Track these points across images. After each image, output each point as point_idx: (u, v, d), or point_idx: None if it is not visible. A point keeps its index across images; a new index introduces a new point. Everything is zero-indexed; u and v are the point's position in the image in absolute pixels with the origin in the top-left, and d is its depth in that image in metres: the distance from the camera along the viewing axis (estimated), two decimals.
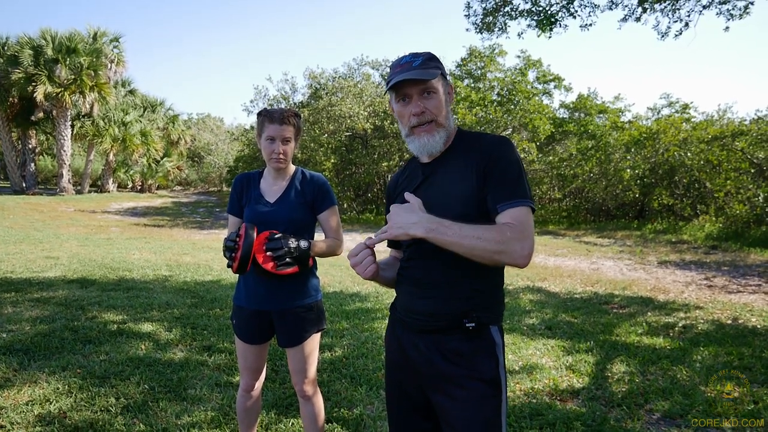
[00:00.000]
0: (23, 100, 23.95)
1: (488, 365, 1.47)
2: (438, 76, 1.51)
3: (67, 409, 2.96)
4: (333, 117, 19.06)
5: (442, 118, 1.53)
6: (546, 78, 23.15)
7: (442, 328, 1.50)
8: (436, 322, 1.51)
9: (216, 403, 3.13)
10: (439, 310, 1.50)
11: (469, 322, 1.46)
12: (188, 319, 4.96)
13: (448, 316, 1.49)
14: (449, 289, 1.49)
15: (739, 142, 14.25)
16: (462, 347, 1.48)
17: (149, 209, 22.79)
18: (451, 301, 1.49)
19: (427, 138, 1.52)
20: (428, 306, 1.52)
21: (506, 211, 1.41)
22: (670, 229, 14.14)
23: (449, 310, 1.49)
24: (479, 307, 1.48)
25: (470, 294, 1.48)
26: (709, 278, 8.22)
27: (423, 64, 1.51)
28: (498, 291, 1.54)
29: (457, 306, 1.48)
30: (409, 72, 1.49)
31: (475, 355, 1.48)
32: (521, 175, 1.46)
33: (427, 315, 1.53)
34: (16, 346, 3.94)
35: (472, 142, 1.53)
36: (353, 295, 6.47)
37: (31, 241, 11.07)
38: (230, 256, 2.03)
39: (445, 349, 1.49)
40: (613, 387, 3.57)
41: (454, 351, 1.49)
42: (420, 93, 1.51)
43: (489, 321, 1.50)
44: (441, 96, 1.53)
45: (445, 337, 1.50)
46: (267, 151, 2.19)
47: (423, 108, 1.50)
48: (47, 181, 36.22)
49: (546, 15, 7.85)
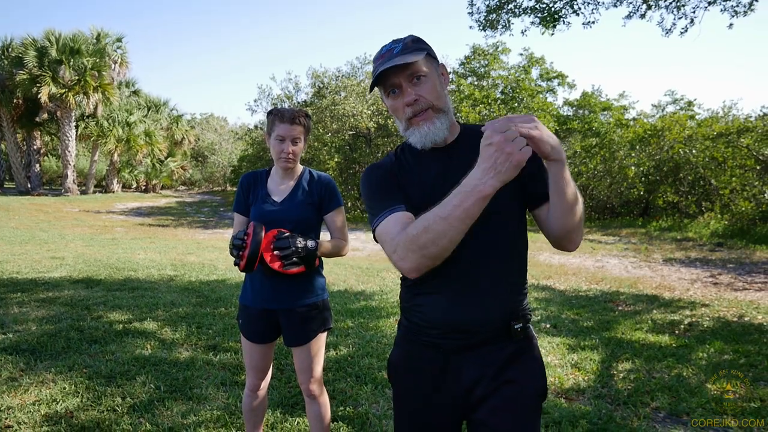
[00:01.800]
0: (28, 101, 24.12)
1: (534, 371, 1.39)
2: (424, 55, 1.34)
3: (74, 409, 2.98)
4: (336, 116, 19.06)
5: (439, 103, 1.36)
6: (550, 75, 23.10)
7: (486, 339, 1.36)
8: (485, 331, 1.35)
9: (222, 402, 3.14)
10: (488, 315, 1.35)
11: (516, 323, 1.36)
12: (193, 318, 4.98)
13: (496, 322, 1.35)
14: (495, 289, 1.36)
15: (744, 138, 14.17)
16: (506, 353, 1.37)
17: (154, 209, 22.88)
18: (495, 303, 1.35)
19: (427, 126, 1.35)
20: (476, 317, 1.35)
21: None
22: (675, 227, 14.08)
23: (495, 315, 1.35)
24: (520, 306, 1.39)
25: (512, 292, 1.38)
26: (714, 276, 8.19)
27: (404, 49, 1.34)
28: (527, 290, 1.45)
29: (501, 308, 1.36)
30: (390, 60, 1.32)
31: (525, 360, 1.38)
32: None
33: (474, 326, 1.35)
34: (22, 346, 3.96)
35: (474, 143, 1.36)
36: (358, 293, 6.48)
37: (36, 241, 11.13)
38: (238, 255, 2.04)
39: (494, 360, 1.36)
40: (618, 385, 3.56)
41: (503, 360, 1.36)
42: (409, 80, 1.33)
43: (527, 320, 1.41)
44: (433, 78, 1.36)
45: (489, 348, 1.36)
46: (276, 150, 2.19)
47: (416, 95, 1.33)
48: (52, 181, 36.42)
49: (549, 12, 7.83)
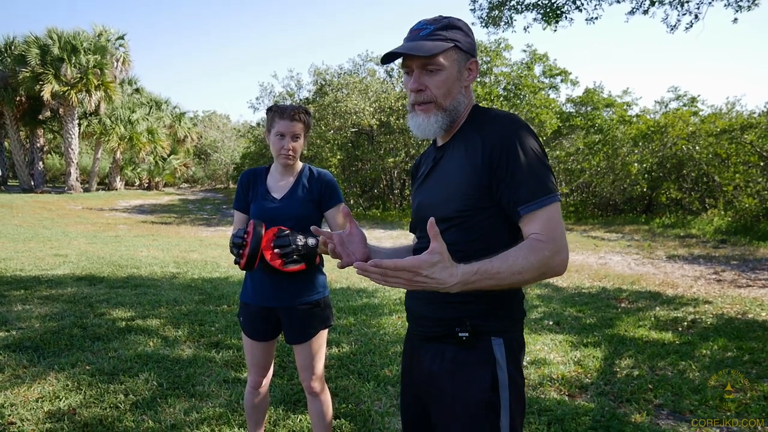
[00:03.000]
0: (31, 99, 24.17)
1: (481, 384, 1.27)
2: (448, 48, 1.28)
3: (77, 406, 2.98)
4: (339, 113, 19.03)
5: (444, 100, 1.31)
6: (552, 72, 22.96)
7: (439, 336, 1.35)
8: (436, 327, 1.36)
9: (224, 399, 3.14)
10: (437, 314, 1.34)
11: (462, 331, 1.29)
12: (196, 315, 4.98)
13: (444, 322, 1.33)
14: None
15: (748, 135, 14.10)
16: (457, 359, 1.31)
17: (156, 207, 22.91)
18: (447, 304, 1.32)
19: (422, 118, 1.33)
20: (428, 310, 1.38)
21: (531, 215, 1.21)
22: (678, 224, 14.04)
23: (444, 315, 1.33)
24: (476, 314, 1.29)
25: (466, 298, 1.28)
26: (717, 272, 8.16)
27: (431, 34, 1.29)
28: (506, 297, 1.31)
29: (451, 311, 1.31)
30: (410, 42, 1.30)
31: (471, 371, 1.30)
32: (539, 161, 1.24)
33: (426, 320, 1.39)
34: (25, 344, 3.98)
35: (478, 123, 1.33)
36: (360, 291, 6.48)
37: (39, 239, 11.16)
38: (238, 253, 2.03)
39: (443, 360, 1.34)
40: (621, 382, 3.55)
41: (450, 363, 1.32)
42: (422, 67, 1.29)
43: (489, 331, 1.29)
44: (449, 73, 1.30)
45: (443, 346, 1.34)
46: (276, 147, 2.18)
47: (421, 85, 1.30)
48: (55, 179, 36.51)
49: (552, 8, 7.80)
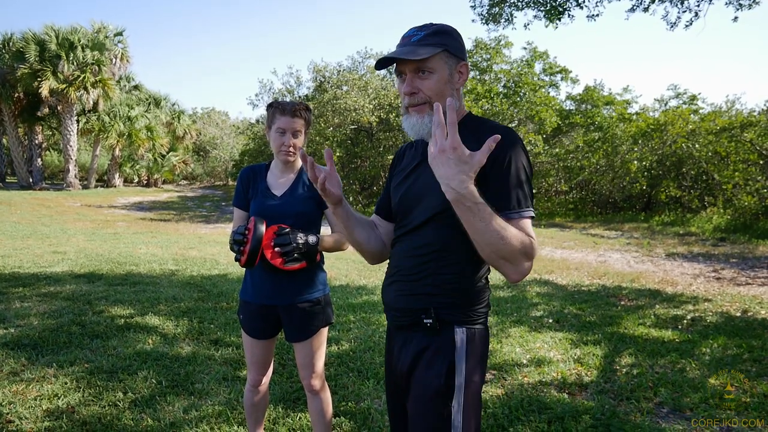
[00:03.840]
0: (29, 95, 24.07)
1: (438, 369, 1.35)
2: (437, 53, 1.35)
3: (75, 404, 2.97)
4: (338, 110, 19.02)
5: (437, 101, 1.36)
6: (553, 70, 22.97)
7: (409, 324, 1.42)
8: (405, 317, 1.43)
9: (223, 397, 3.13)
10: (408, 304, 1.42)
11: (427, 318, 1.37)
12: (195, 313, 4.97)
13: (412, 312, 1.41)
14: (415, 280, 1.40)
15: (747, 133, 14.10)
16: (421, 345, 1.39)
17: (155, 204, 22.88)
18: (416, 296, 1.40)
19: (416, 118, 1.39)
20: (398, 301, 1.45)
21: (515, 221, 1.29)
22: (677, 222, 14.05)
23: (413, 306, 1.40)
24: (442, 305, 1.37)
25: (434, 288, 1.37)
26: (717, 270, 8.16)
27: (422, 40, 1.37)
28: (472, 288, 1.39)
29: (419, 302, 1.39)
30: (402, 48, 1.37)
31: (431, 356, 1.37)
32: (525, 177, 1.33)
33: (397, 310, 1.46)
34: (24, 341, 3.96)
35: (472, 132, 1.38)
36: (360, 288, 6.47)
37: (38, 236, 11.13)
38: (239, 250, 2.01)
39: (410, 346, 1.42)
40: (621, 380, 3.54)
41: (414, 348, 1.40)
42: (414, 71, 1.37)
43: (454, 320, 1.37)
44: (440, 76, 1.37)
45: (411, 334, 1.42)
46: (276, 143, 2.16)
47: (414, 88, 1.37)
48: (54, 176, 36.41)
49: (553, 5, 7.78)
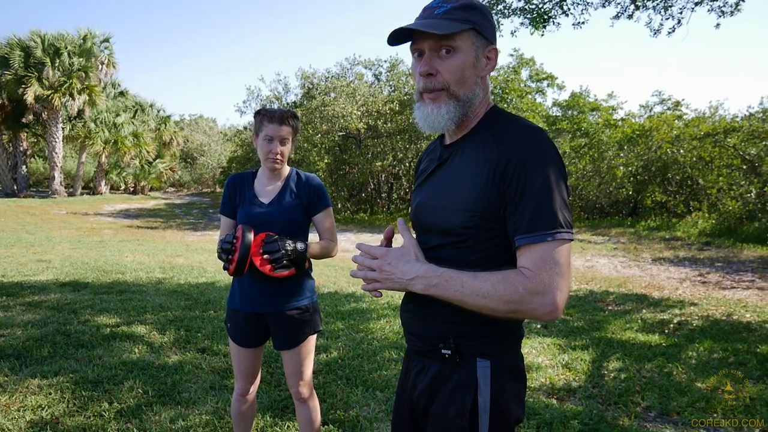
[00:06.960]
0: (13, 102, 23.78)
1: (459, 408, 1.19)
2: (465, 30, 1.14)
3: (60, 415, 2.92)
4: (326, 117, 19.00)
5: (457, 88, 1.17)
6: (539, 76, 23.18)
7: (425, 351, 1.29)
8: (421, 343, 1.30)
9: (211, 406, 3.10)
10: (423, 330, 1.29)
11: (445, 349, 1.21)
12: (182, 321, 4.92)
13: (428, 340, 1.27)
14: (432, 304, 1.21)
15: (731, 138, 14.29)
16: (439, 377, 1.25)
17: (142, 211, 22.67)
18: (432, 322, 1.26)
19: (431, 108, 1.18)
20: (413, 325, 1.33)
21: (526, 247, 1.09)
22: (663, 226, 14.19)
23: (429, 333, 1.27)
24: (461, 335, 1.21)
25: (453, 315, 1.20)
26: (703, 275, 8.25)
27: (448, 13, 1.15)
28: (498, 318, 1.19)
29: (436, 329, 1.25)
30: (422, 21, 1.16)
31: (451, 391, 1.22)
32: (552, 191, 1.08)
33: (413, 335, 1.34)
34: (7, 351, 3.90)
35: (497, 130, 1.18)
36: (348, 295, 6.45)
37: (22, 244, 10.97)
38: (227, 259, 2.00)
39: (426, 375, 1.28)
40: (609, 385, 3.56)
41: (431, 379, 1.26)
42: (435, 49, 1.16)
43: (475, 352, 1.20)
44: (465, 58, 1.16)
45: (429, 362, 1.28)
46: (264, 150, 2.16)
47: (432, 69, 1.16)
48: (39, 183, 35.94)
49: (539, 13, 7.86)
